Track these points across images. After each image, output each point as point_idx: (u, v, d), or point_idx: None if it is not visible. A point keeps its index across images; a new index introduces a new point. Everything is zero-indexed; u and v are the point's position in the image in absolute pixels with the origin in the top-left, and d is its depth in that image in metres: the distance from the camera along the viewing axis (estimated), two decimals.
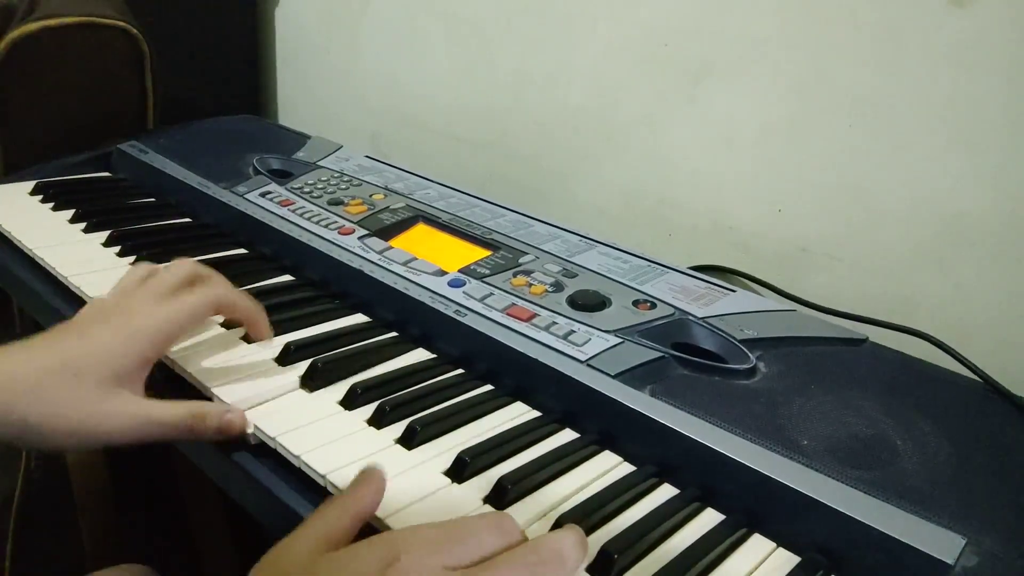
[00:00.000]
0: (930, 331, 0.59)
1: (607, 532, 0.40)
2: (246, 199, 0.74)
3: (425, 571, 0.31)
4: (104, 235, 0.69)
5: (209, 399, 0.49)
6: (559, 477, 0.44)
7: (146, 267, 0.53)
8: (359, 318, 0.60)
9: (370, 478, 0.37)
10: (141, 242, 0.68)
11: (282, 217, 0.70)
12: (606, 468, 0.46)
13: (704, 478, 0.44)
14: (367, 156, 0.87)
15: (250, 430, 0.46)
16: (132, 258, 0.66)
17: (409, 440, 0.46)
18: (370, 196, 0.75)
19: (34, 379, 0.43)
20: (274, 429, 0.46)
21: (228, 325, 0.56)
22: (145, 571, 0.60)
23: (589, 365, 0.50)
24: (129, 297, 0.50)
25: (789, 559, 0.41)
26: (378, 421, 0.47)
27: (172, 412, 0.45)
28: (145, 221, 0.74)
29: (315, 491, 0.43)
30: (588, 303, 0.57)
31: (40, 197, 0.77)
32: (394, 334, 0.58)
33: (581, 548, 0.34)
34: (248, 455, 0.46)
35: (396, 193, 0.76)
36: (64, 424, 0.43)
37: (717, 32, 0.73)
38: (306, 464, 0.43)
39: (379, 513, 0.39)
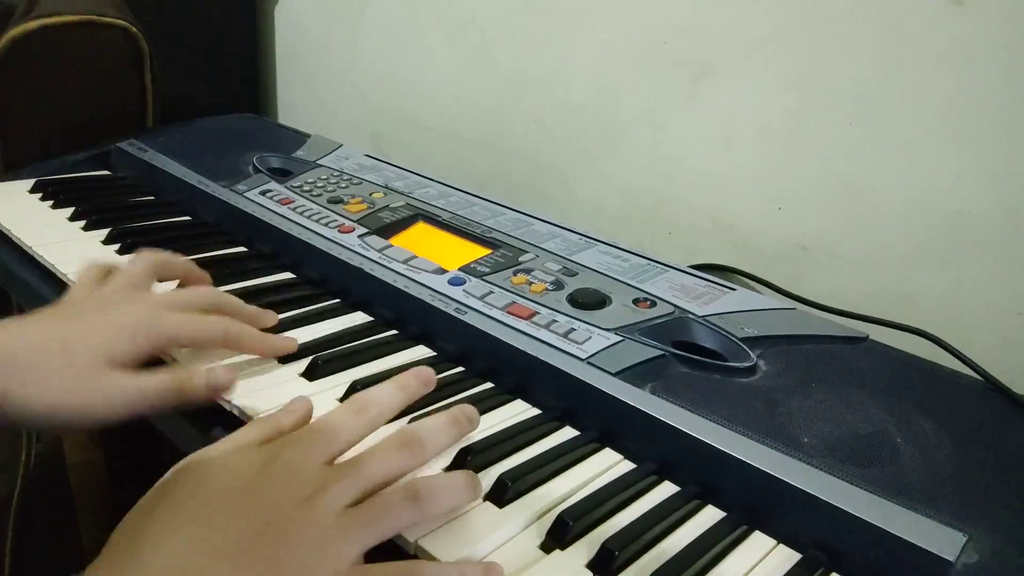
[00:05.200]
0: (931, 329, 0.59)
1: (607, 529, 0.40)
2: (246, 197, 0.74)
3: (305, 464, 0.37)
4: (103, 233, 0.69)
5: None
6: (559, 474, 0.44)
7: (153, 258, 0.54)
8: (359, 316, 0.60)
9: (296, 407, 0.43)
10: (140, 240, 0.67)
11: (282, 215, 0.70)
12: (606, 466, 0.46)
13: (704, 475, 0.44)
14: (367, 155, 0.87)
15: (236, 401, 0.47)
16: (132, 256, 0.66)
17: None
18: (370, 194, 0.75)
19: (25, 353, 0.44)
20: None
21: None
22: None
23: (589, 363, 0.50)
24: (143, 293, 0.51)
25: (789, 556, 0.40)
26: None
27: (157, 380, 0.46)
28: (144, 219, 0.74)
29: None
30: (588, 301, 0.57)
31: (39, 195, 0.77)
32: (394, 332, 0.58)
33: (444, 431, 0.42)
34: None
35: (396, 191, 0.76)
36: (56, 402, 0.43)
37: (717, 30, 0.73)
38: None
39: None
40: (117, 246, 0.67)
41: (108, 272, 0.53)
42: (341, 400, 0.49)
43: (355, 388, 0.49)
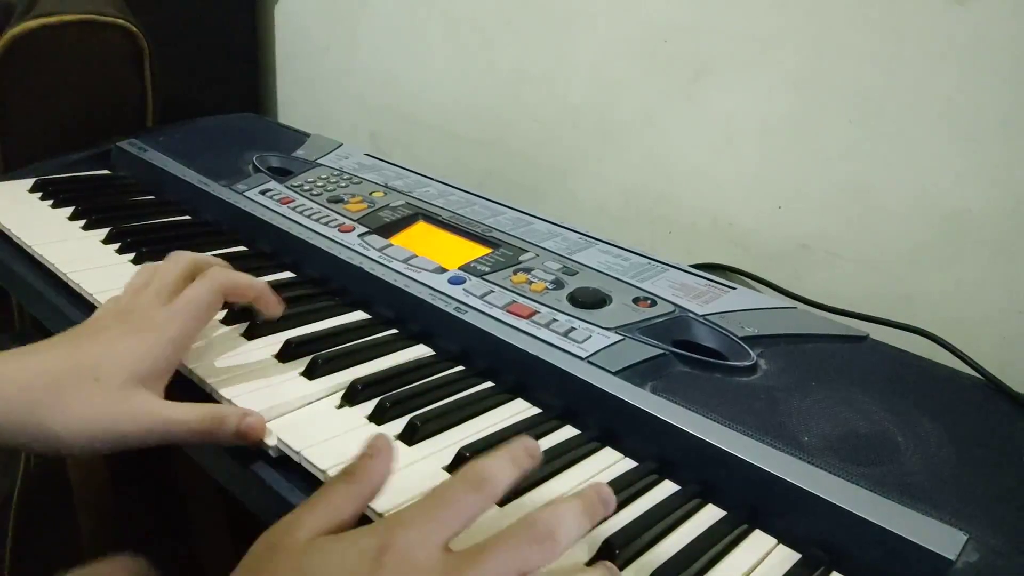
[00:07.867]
0: (931, 328, 0.59)
1: (609, 528, 0.40)
2: (246, 197, 0.73)
3: (421, 552, 0.32)
4: (103, 232, 0.69)
5: (208, 395, 0.49)
6: (560, 473, 0.44)
7: (151, 268, 0.52)
8: (359, 315, 0.60)
9: (378, 450, 0.37)
10: (140, 239, 0.68)
11: (282, 215, 0.70)
12: (607, 464, 0.46)
13: (705, 474, 0.44)
14: (367, 154, 0.87)
15: (271, 442, 0.45)
16: (132, 255, 0.66)
17: (410, 436, 0.46)
18: (370, 194, 0.75)
19: (53, 382, 0.42)
20: (274, 425, 0.46)
21: (229, 320, 0.56)
22: (139, 563, 0.60)
23: (590, 362, 0.50)
24: (139, 299, 0.49)
25: (790, 555, 0.40)
26: (379, 417, 0.47)
27: (192, 415, 0.44)
28: (144, 218, 0.73)
29: (316, 487, 0.43)
30: (588, 300, 0.57)
31: (39, 194, 0.77)
32: (394, 331, 0.58)
33: (578, 522, 0.34)
34: (248, 451, 0.46)
35: (396, 191, 0.76)
36: (83, 427, 0.42)
37: (717, 29, 0.73)
38: (306, 460, 0.43)
39: (379, 508, 0.39)
40: (117, 245, 0.67)
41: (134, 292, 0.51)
42: (342, 398, 0.49)
43: (355, 387, 0.49)
